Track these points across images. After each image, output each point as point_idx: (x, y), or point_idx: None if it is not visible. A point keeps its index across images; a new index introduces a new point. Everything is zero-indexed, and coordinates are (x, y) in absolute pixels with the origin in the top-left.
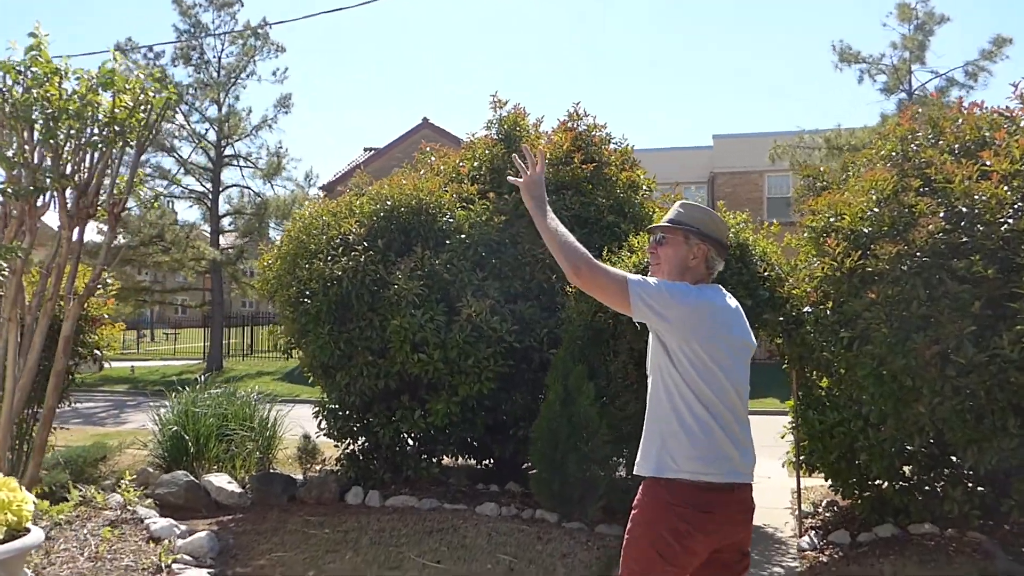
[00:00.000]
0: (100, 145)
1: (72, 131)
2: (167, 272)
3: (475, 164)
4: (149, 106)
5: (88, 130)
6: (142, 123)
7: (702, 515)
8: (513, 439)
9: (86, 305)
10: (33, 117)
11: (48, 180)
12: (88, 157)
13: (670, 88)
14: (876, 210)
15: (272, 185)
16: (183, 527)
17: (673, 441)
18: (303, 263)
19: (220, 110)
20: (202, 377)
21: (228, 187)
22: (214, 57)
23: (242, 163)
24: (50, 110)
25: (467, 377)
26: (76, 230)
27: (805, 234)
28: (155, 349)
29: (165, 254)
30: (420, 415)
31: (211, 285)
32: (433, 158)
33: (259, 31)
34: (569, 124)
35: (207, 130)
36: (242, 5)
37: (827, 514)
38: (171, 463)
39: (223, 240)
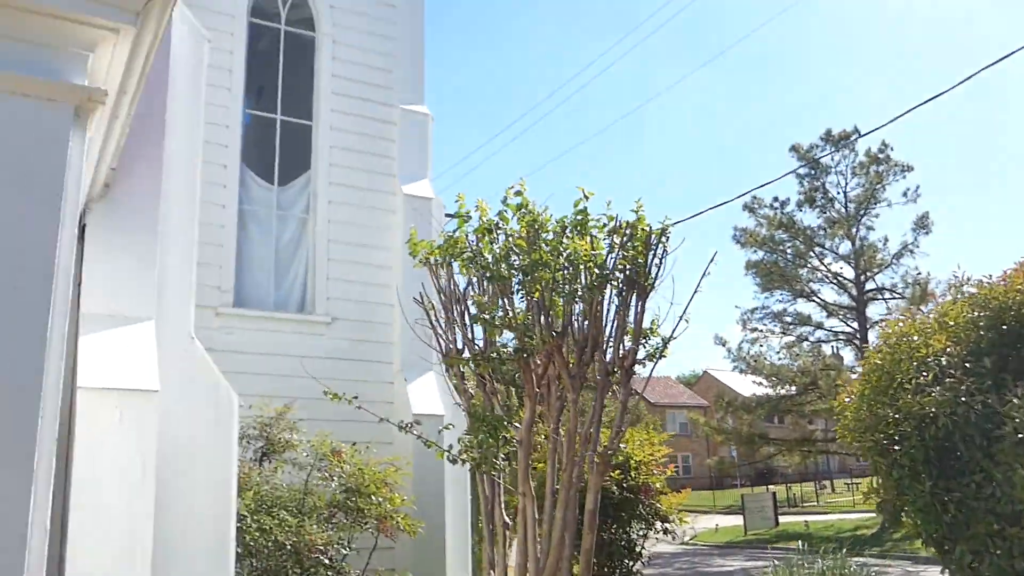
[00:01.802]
0: (581, 293)
1: (548, 283)
2: (826, 419)
3: None
4: (655, 241)
5: (562, 278)
6: (638, 262)
7: None
8: None
9: (638, 474)
10: (503, 273)
11: (533, 340)
12: (583, 310)
13: None
14: None
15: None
16: None
17: None
18: (883, 398)
19: (853, 244)
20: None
21: (876, 323)
22: (839, 193)
23: (886, 295)
24: (522, 263)
25: None
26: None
27: None
28: (834, 501)
29: (821, 401)
30: None
31: None
32: None
33: (879, 156)
34: None
35: (842, 268)
36: (859, 135)
37: None
38: None
39: None
